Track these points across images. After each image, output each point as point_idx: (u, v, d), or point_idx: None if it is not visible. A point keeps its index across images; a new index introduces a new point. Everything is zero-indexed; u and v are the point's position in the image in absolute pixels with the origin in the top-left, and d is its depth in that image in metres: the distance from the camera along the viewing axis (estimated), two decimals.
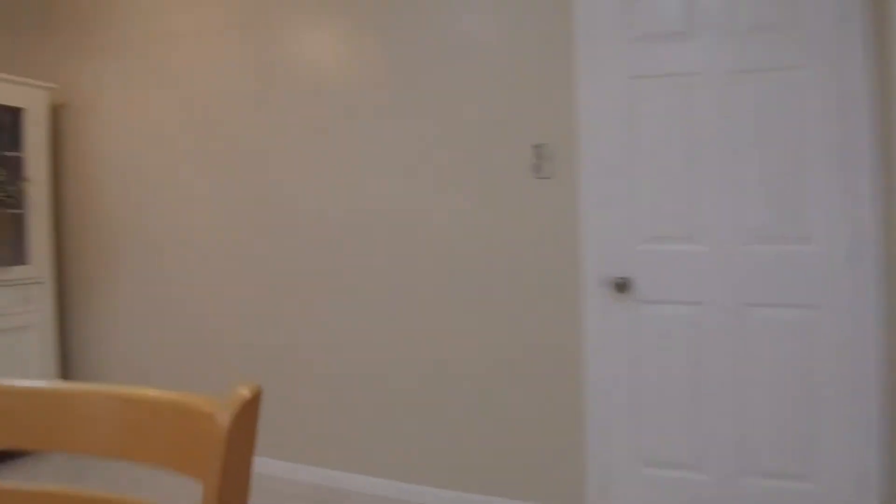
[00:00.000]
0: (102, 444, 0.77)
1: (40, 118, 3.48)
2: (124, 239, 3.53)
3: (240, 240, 3.18)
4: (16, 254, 3.46)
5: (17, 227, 3.46)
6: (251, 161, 3.12)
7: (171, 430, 0.72)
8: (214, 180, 3.23)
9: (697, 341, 2.31)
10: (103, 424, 0.76)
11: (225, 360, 3.26)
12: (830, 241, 2.17)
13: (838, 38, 2.13)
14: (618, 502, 2.42)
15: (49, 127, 3.57)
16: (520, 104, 2.52)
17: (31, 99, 3.43)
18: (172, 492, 2.92)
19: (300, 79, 2.97)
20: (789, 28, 2.19)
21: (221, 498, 0.64)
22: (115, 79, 3.52)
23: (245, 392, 0.70)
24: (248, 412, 0.70)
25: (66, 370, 3.78)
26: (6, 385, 0.81)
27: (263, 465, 3.14)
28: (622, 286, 2.37)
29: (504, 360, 2.59)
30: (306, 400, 3.05)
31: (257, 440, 3.13)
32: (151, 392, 0.75)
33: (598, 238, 2.42)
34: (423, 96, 2.70)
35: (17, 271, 3.38)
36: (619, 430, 2.42)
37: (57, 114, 3.74)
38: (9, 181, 3.36)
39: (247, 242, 3.16)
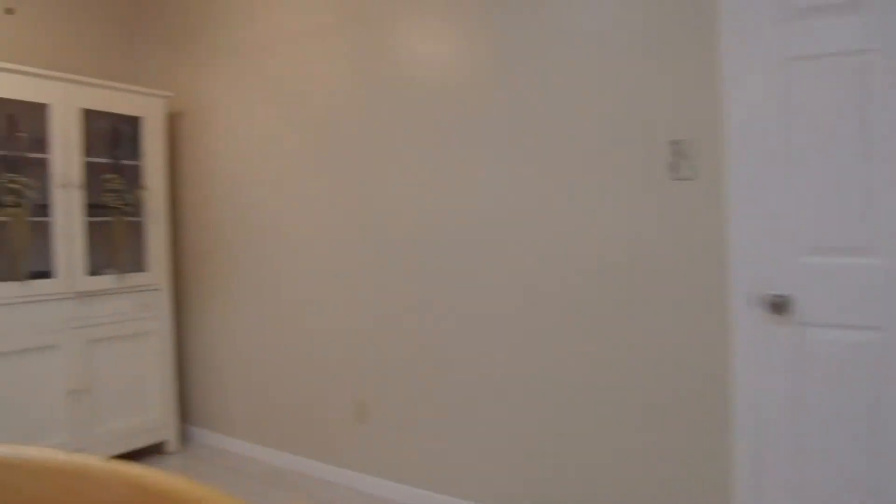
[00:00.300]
0: None
1: (157, 126, 3.52)
2: (236, 246, 3.51)
3: (349, 248, 3.04)
4: (135, 261, 3.51)
5: (135, 234, 3.51)
6: (361, 167, 2.97)
7: None
8: (323, 186, 3.12)
9: (876, 374, 1.90)
10: None
11: (337, 369, 3.14)
12: None
13: None
14: None
15: (165, 135, 3.60)
16: (652, 95, 2.19)
17: (148, 108, 3.47)
18: None
19: (410, 79, 2.79)
20: None
21: None
22: (226, 85, 3.50)
23: None
24: None
25: (183, 376, 3.82)
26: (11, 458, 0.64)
27: (378, 487, 2.99)
28: (780, 306, 2.00)
29: (636, 387, 2.28)
30: (421, 414, 2.86)
31: (374, 461, 2.98)
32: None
33: (749, 249, 2.06)
34: (540, 93, 2.44)
35: (136, 278, 3.43)
36: (775, 474, 2.05)
37: (173, 121, 3.78)
38: (127, 189, 3.41)
39: (356, 251, 3.02)
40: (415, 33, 2.76)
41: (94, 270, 3.32)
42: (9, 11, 3.32)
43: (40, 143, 3.10)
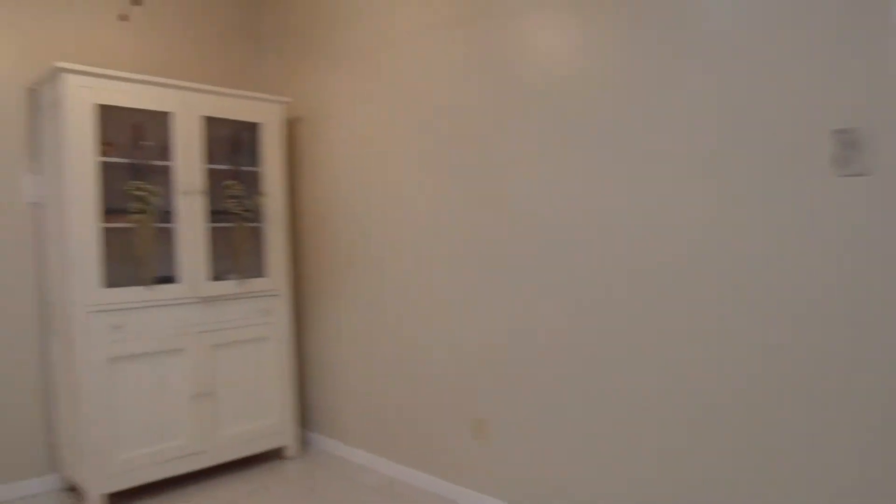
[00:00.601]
0: None
1: (276, 132, 3.53)
2: (353, 251, 3.44)
3: (470, 255, 2.87)
4: (255, 266, 3.53)
5: (255, 240, 3.54)
6: (483, 170, 2.78)
7: None
8: (443, 190, 2.96)
9: None
10: None
11: (455, 381, 2.98)
12: None
13: None
14: None
15: (284, 140, 3.61)
16: (808, 73, 1.84)
17: (267, 114, 3.49)
18: None
19: (535, 76, 2.57)
20: None
21: None
22: (343, 87, 3.45)
23: None
24: None
25: (302, 381, 3.81)
26: None
27: None
28: None
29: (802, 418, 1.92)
30: (547, 436, 2.63)
31: (495, 481, 2.79)
32: None
33: None
34: (676, 83, 2.14)
35: (256, 283, 3.44)
36: None
37: (292, 127, 3.79)
38: (247, 196, 3.44)
39: (477, 258, 2.84)
40: (541, 26, 2.53)
41: (217, 276, 3.37)
42: (123, 18, 3.44)
43: (164, 150, 3.18)
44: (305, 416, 3.81)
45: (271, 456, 3.53)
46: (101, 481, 2.89)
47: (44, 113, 3.05)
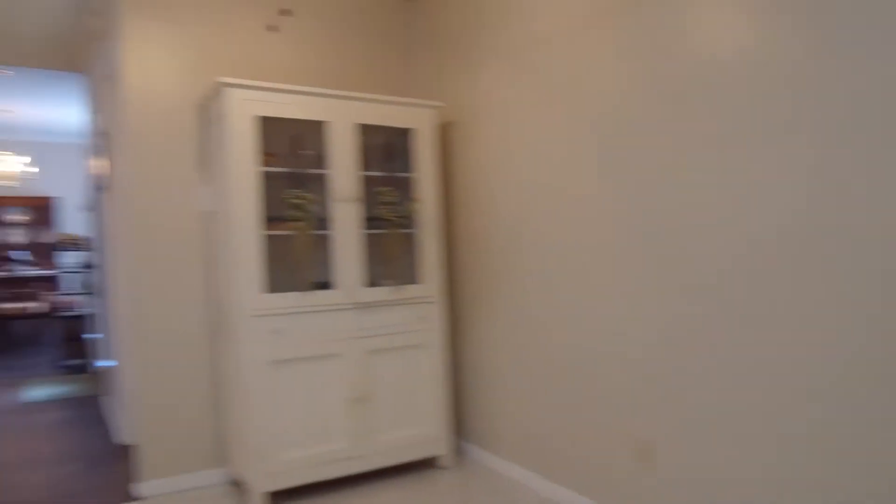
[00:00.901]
0: None
1: (428, 138, 3.49)
2: (508, 256, 3.30)
3: (633, 262, 2.62)
4: (409, 273, 3.51)
5: (409, 246, 3.52)
6: (650, 170, 2.52)
7: None
8: (604, 192, 2.74)
9: None
10: None
11: (617, 397, 2.73)
12: None
13: None
14: None
15: (437, 145, 3.57)
16: None
17: (419, 119, 3.46)
18: None
19: (711, 69, 2.27)
20: None
21: None
22: (495, 90, 3.33)
23: None
24: None
25: (457, 390, 3.73)
26: None
27: None
28: None
29: None
30: (730, 468, 2.31)
31: None
32: None
33: None
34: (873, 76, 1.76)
35: (411, 290, 3.42)
36: None
37: (444, 131, 3.74)
38: (401, 202, 3.43)
39: (642, 265, 2.58)
40: (718, 12, 2.24)
41: (372, 282, 3.39)
42: (272, 28, 3.58)
43: (320, 159, 3.25)
44: (460, 425, 3.72)
45: (425, 465, 3.48)
46: (264, 479, 3.00)
47: (211, 127, 3.25)
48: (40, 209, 10.48)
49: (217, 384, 3.36)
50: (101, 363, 5.05)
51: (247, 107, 3.00)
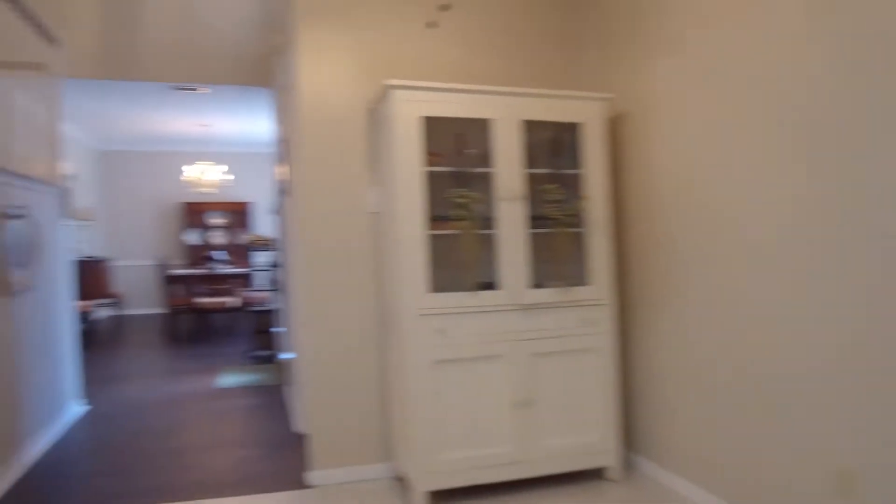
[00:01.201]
0: None
1: (596, 132, 3.32)
2: (686, 256, 3.04)
3: (834, 259, 2.30)
4: (576, 274, 3.36)
5: (577, 246, 3.37)
6: (852, 160, 2.22)
7: None
8: (799, 188, 2.44)
9: None
10: None
11: (814, 416, 2.41)
12: None
13: None
14: None
15: (606, 140, 3.38)
16: None
17: (586, 113, 3.30)
18: None
19: None
20: None
21: None
22: (669, 81, 3.09)
23: None
24: None
25: (627, 398, 3.51)
26: None
27: None
28: None
29: None
30: None
31: None
32: None
33: None
34: None
35: (578, 292, 3.27)
36: None
37: (614, 125, 3.54)
38: (567, 200, 3.29)
39: (846, 263, 2.26)
40: None
41: (537, 283, 3.29)
42: (432, 25, 3.56)
43: (485, 157, 3.20)
44: (630, 436, 3.50)
45: (591, 475, 3.31)
46: (426, 478, 3.00)
47: (379, 129, 3.32)
48: (237, 213, 11.56)
49: (384, 381, 3.43)
50: (283, 355, 5.39)
51: (412, 107, 3.02)
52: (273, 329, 6.53)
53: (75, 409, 4.80)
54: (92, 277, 8.70)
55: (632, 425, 3.49)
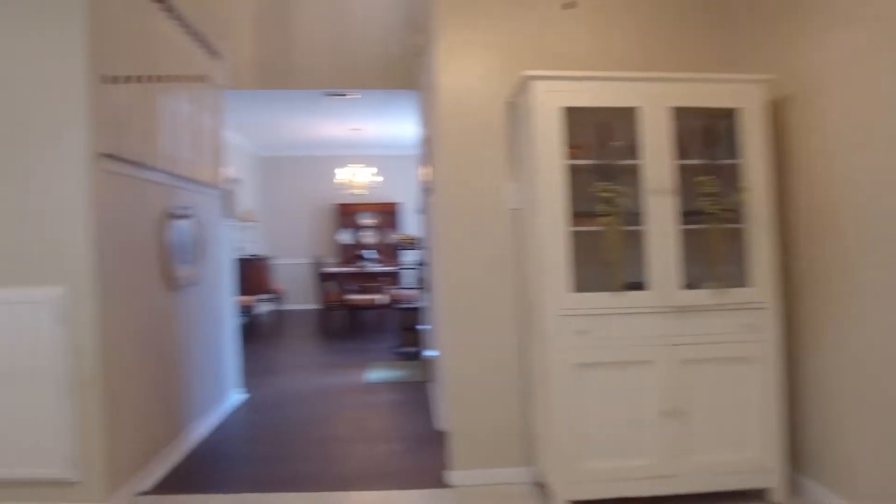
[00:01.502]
0: None
1: (756, 117, 3.02)
2: (865, 254, 2.68)
3: None
4: (734, 274, 3.07)
5: (735, 244, 3.07)
6: None
7: None
8: None
9: None
10: None
11: None
12: None
13: None
14: None
15: (768, 126, 3.06)
16: None
17: (744, 97, 3.01)
18: None
19: None
20: None
21: None
22: (843, 59, 2.73)
23: None
24: None
25: (794, 413, 3.15)
26: None
27: None
28: None
29: None
30: None
31: None
32: None
33: None
34: None
35: (736, 294, 3.00)
36: None
37: (777, 109, 3.19)
38: (724, 193, 3.02)
39: None
40: None
41: (690, 283, 3.04)
42: (568, 6, 3.37)
43: (630, 148, 3.01)
44: (800, 456, 3.13)
45: (749, 496, 3.00)
46: (566, 486, 2.88)
47: (519, 123, 3.22)
48: (386, 213, 11.96)
49: (526, 382, 3.33)
50: (428, 352, 5.45)
51: (552, 98, 2.90)
52: (419, 326, 6.64)
53: (235, 397, 5.13)
54: (254, 274, 9.34)
55: (799, 444, 3.13)
